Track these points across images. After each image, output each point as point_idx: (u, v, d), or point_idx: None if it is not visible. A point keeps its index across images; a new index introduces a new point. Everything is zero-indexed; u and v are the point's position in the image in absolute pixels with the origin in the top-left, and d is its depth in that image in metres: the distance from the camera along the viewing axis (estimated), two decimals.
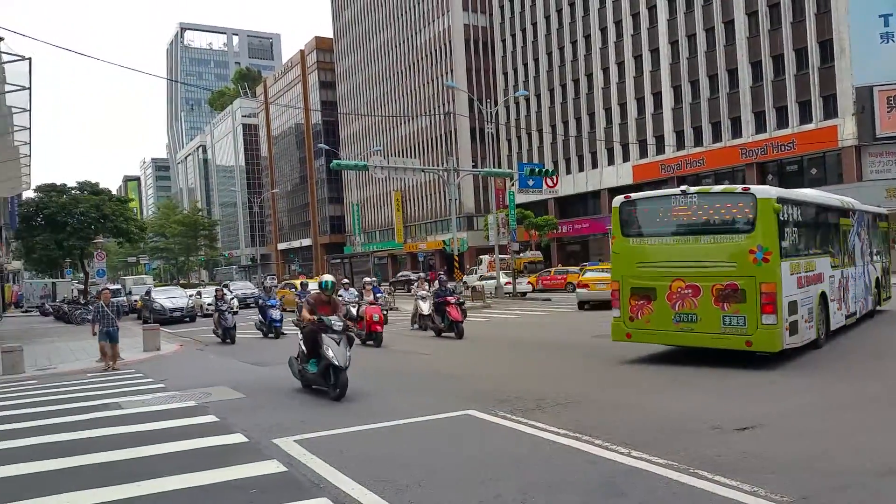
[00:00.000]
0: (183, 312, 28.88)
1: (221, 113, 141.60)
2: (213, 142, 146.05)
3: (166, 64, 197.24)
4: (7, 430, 8.40)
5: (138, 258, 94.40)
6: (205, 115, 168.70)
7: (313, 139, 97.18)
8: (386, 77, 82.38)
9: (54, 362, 16.31)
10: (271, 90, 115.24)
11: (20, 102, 29.48)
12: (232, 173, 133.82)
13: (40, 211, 42.70)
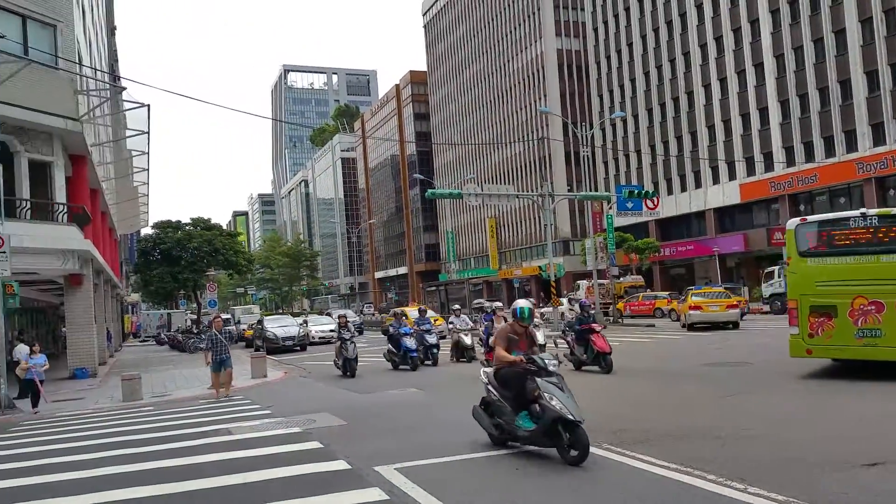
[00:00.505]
0: (294, 341, 28.94)
1: (322, 149, 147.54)
2: (314, 176, 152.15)
3: (271, 104, 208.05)
4: (127, 455, 8.84)
5: (246, 289, 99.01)
6: (307, 151, 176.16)
7: (408, 170, 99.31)
8: (479, 106, 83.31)
9: (169, 389, 17.17)
10: (368, 124, 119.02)
11: (139, 146, 31.85)
12: (331, 206, 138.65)
13: (157, 246, 45.69)
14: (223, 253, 45.61)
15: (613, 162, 60.97)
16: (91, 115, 22.02)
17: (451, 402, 11.65)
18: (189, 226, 48.01)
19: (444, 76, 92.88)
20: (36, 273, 20.06)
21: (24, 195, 18.99)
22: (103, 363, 25.95)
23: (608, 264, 35.96)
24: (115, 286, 37.12)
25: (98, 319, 24.55)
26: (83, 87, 21.79)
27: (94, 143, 23.84)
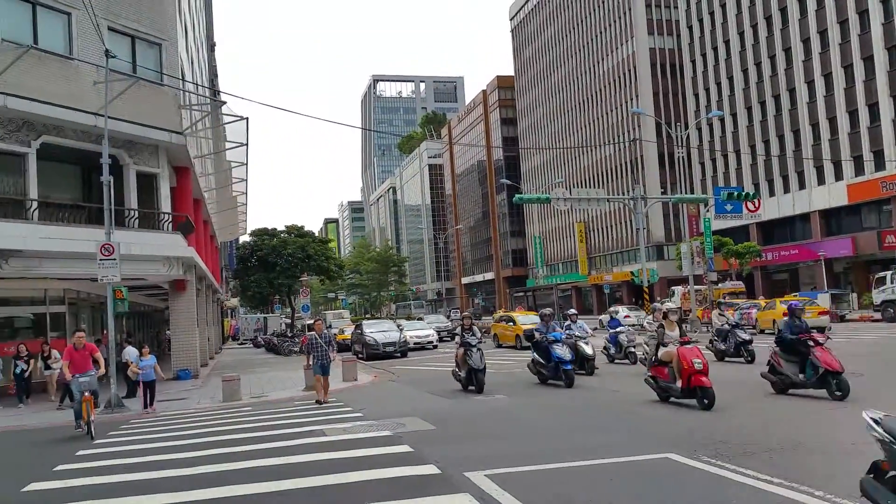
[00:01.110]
0: (395, 347, 27.37)
1: (409, 156, 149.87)
2: (402, 183, 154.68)
3: (361, 114, 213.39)
4: (226, 454, 9.16)
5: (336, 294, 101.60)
6: (395, 159, 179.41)
7: (495, 175, 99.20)
8: (568, 109, 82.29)
9: (266, 391, 17.76)
10: (455, 130, 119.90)
11: (238, 157, 33.29)
12: (419, 212, 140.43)
13: (254, 253, 47.66)
14: (315, 259, 47.02)
15: (710, 163, 58.68)
16: (193, 128, 23.20)
17: (538, 409, 11.46)
18: (284, 233, 49.81)
19: (532, 80, 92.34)
20: (143, 279, 21.23)
21: (133, 205, 20.18)
22: (205, 365, 27.19)
23: (705, 270, 34.61)
24: (215, 291, 38.92)
25: (200, 323, 25.71)
26: (186, 102, 22.97)
27: (196, 156, 25.07)
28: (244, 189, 41.71)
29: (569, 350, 14.94)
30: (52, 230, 17.20)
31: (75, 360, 11.90)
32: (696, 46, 60.57)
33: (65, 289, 21.01)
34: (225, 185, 37.15)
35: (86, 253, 16.62)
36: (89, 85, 18.00)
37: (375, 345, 27.17)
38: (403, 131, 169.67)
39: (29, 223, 16.87)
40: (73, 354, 11.97)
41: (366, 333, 28.27)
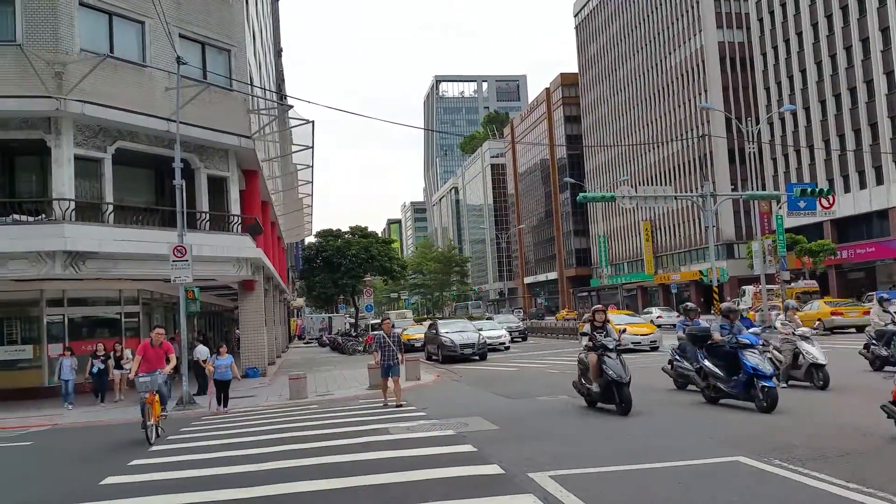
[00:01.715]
0: (474, 349, 24.97)
1: (472, 156, 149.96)
2: (464, 183, 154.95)
3: (423, 114, 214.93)
4: (295, 450, 9.31)
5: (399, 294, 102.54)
6: (457, 159, 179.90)
7: (558, 173, 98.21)
8: (633, 105, 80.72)
9: (331, 389, 18.01)
10: (518, 129, 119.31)
11: (304, 160, 33.97)
12: (481, 212, 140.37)
13: (319, 254, 48.55)
14: (379, 259, 47.55)
15: (783, 158, 56.49)
16: (261, 132, 23.79)
17: (605, 411, 11.19)
18: (348, 234, 50.57)
19: (597, 76, 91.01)
20: (213, 279, 21.89)
21: (204, 208, 20.84)
22: (272, 363, 27.83)
23: (778, 268, 33.31)
24: (282, 291, 39.86)
25: (267, 322, 26.32)
26: (254, 106, 23.58)
27: (264, 159, 25.70)
28: (310, 191, 42.59)
29: (769, 362, 10.63)
30: (126, 232, 17.92)
31: (149, 357, 11.39)
32: (767, 39, 58.42)
33: (139, 289, 21.87)
34: (291, 188, 37.98)
35: (159, 254, 17.26)
36: (161, 91, 18.68)
37: (452, 346, 24.98)
38: (465, 131, 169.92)
39: (105, 226, 17.62)
40: (148, 351, 11.41)
41: (441, 334, 26.13)
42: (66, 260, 16.58)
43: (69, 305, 20.41)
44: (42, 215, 17.21)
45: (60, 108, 16.49)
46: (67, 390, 16.65)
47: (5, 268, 16.39)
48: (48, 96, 16.34)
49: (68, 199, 16.83)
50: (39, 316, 19.91)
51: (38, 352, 19.77)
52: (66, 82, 16.58)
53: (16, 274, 16.65)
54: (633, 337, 23.60)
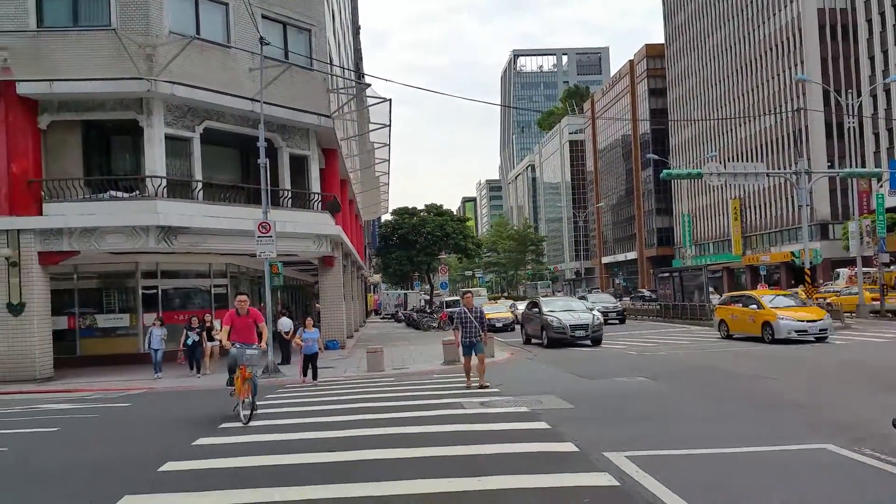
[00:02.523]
0: (587, 332, 20.94)
1: (549, 132, 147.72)
2: (541, 161, 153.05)
3: (501, 90, 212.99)
4: (372, 420, 9.54)
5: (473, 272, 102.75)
6: (534, 136, 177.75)
7: (641, 150, 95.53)
8: (722, 78, 77.34)
9: (407, 363, 18.32)
10: (598, 104, 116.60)
11: (381, 138, 34.33)
12: (558, 190, 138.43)
13: (395, 231, 49.27)
14: (453, 237, 47.82)
15: (886, 134, 52.92)
16: (340, 111, 24.16)
17: (686, 394, 10.91)
18: (423, 212, 51.04)
19: (684, 47, 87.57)
20: (295, 255, 22.54)
21: (286, 186, 21.43)
22: (350, 336, 28.52)
23: (876, 251, 31.36)
24: (360, 268, 40.63)
25: (346, 297, 26.92)
26: (334, 85, 23.93)
27: (343, 137, 26.14)
28: (386, 169, 43.10)
29: None
30: (215, 209, 18.69)
31: (237, 327, 10.40)
32: (872, 5, 54.57)
33: (227, 263, 22.81)
34: (369, 166, 38.53)
35: (245, 230, 17.94)
36: (245, 72, 19.23)
37: (560, 328, 21.05)
38: (543, 107, 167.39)
39: (194, 203, 18.42)
40: (235, 320, 10.43)
41: (546, 313, 22.03)
42: (159, 234, 17.45)
43: (162, 278, 21.53)
44: (136, 192, 18.14)
45: (151, 89, 17.24)
46: (157, 360, 16.98)
47: (104, 241, 17.41)
48: (140, 78, 17.10)
49: (160, 177, 17.64)
50: (135, 287, 21.11)
51: (134, 320, 21.00)
52: (156, 64, 17.30)
53: (113, 247, 17.66)
54: (797, 324, 18.81)
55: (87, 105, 17.84)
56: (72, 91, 17.25)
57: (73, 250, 17.48)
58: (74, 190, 17.78)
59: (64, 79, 17.02)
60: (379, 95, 25.87)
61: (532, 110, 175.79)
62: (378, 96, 26.12)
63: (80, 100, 17.69)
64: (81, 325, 20.89)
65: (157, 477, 6.78)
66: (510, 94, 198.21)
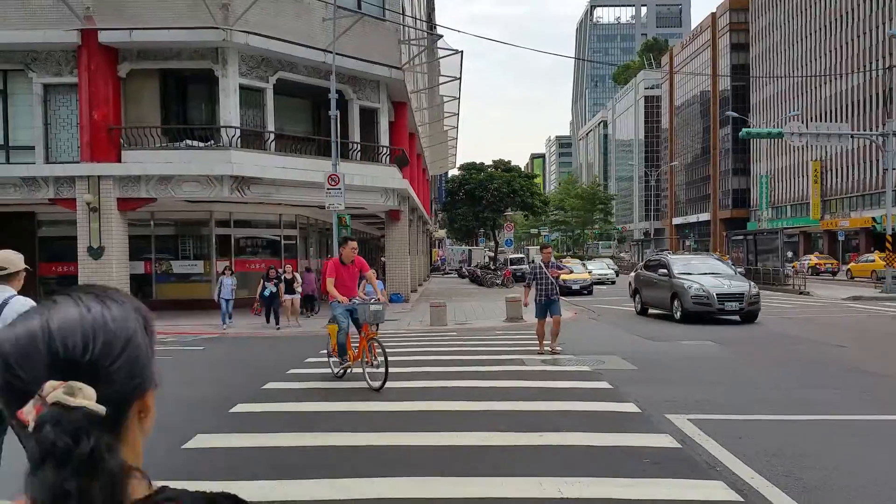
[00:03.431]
0: (742, 304, 16.10)
1: (624, 87, 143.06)
2: (613, 117, 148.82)
3: (575, 43, 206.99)
4: (436, 372, 9.68)
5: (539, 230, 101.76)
6: (608, 91, 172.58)
7: (719, 107, 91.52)
8: (808, 33, 72.78)
9: (469, 318, 18.44)
10: (677, 59, 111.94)
11: (451, 91, 33.99)
12: (630, 147, 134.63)
13: (462, 187, 49.10)
14: (520, 194, 47.34)
15: None
16: (411, 63, 23.97)
17: (753, 359, 10.61)
18: (491, 168, 50.60)
19: (769, 1, 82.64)
20: (363, 208, 22.79)
21: (356, 138, 21.56)
22: (414, 291, 28.85)
23: None
24: (425, 222, 40.84)
25: (411, 252, 27.15)
26: (405, 36, 23.71)
27: (413, 90, 25.99)
28: (455, 123, 42.78)
29: None
30: (286, 160, 19.00)
31: (342, 278, 8.91)
32: None
33: (296, 214, 23.28)
34: (437, 120, 38.34)
35: (314, 182, 18.22)
36: (318, 22, 19.24)
37: (704, 297, 16.13)
38: (619, 60, 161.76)
39: (266, 153, 18.77)
40: (340, 270, 8.97)
41: (679, 276, 17.04)
42: (233, 184, 17.91)
43: (235, 227, 22.19)
44: (211, 141, 18.61)
45: (227, 38, 17.49)
46: (227, 309, 16.20)
47: (180, 189, 18.00)
48: (216, 27, 17.35)
49: (234, 127, 18.02)
50: (209, 235, 21.83)
51: (207, 267, 21.79)
52: (231, 14, 17.50)
53: (189, 195, 18.25)
54: None
55: (164, 54, 18.29)
56: (150, 40, 17.69)
57: (150, 197, 18.16)
58: (152, 138, 18.37)
59: (143, 27, 17.45)
60: (450, 47, 25.52)
61: (607, 63, 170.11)
62: (449, 48, 25.79)
63: (158, 49, 18.15)
64: (157, 270, 21.81)
65: (228, 417, 7.09)
66: (585, 47, 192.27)
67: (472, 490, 4.75)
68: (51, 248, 21.06)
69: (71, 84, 17.95)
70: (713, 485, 4.77)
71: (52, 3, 17.18)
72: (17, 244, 16.95)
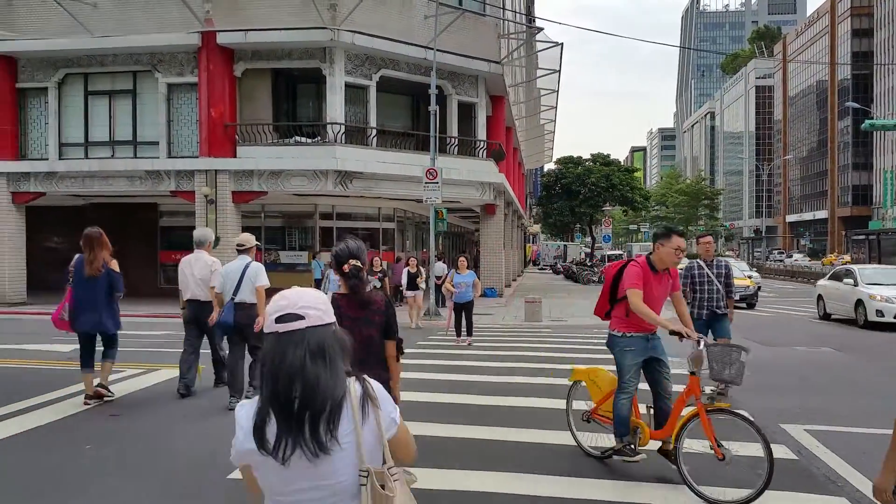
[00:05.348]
0: None
1: (733, 77, 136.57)
2: (721, 108, 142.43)
3: (680, 32, 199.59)
4: (532, 368, 9.64)
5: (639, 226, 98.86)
6: (715, 81, 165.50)
7: (838, 97, 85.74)
8: None
9: (565, 315, 18.20)
10: (791, 46, 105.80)
11: (549, 84, 33.57)
12: (739, 140, 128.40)
13: (558, 181, 48.35)
14: (620, 189, 46.13)
15: None
16: (510, 57, 23.87)
17: (877, 368, 9.91)
18: (589, 161, 49.58)
19: None
20: (458, 202, 22.94)
21: (454, 133, 21.72)
22: (508, 286, 28.78)
23: None
24: (520, 217, 40.64)
25: (505, 246, 27.07)
26: (505, 31, 23.63)
27: (511, 84, 25.88)
28: (552, 116, 42.22)
29: None
30: (386, 155, 19.45)
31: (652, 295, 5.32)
32: None
33: (394, 208, 23.74)
34: (534, 113, 38.00)
35: (412, 176, 18.55)
36: (420, 19, 19.50)
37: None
38: (728, 49, 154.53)
39: (369, 148, 19.27)
40: (650, 279, 5.49)
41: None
42: (337, 178, 18.50)
43: (336, 219, 22.89)
44: (318, 137, 19.29)
45: (334, 38, 18.04)
46: None
47: (289, 183, 18.78)
48: (324, 27, 17.94)
49: (339, 124, 18.59)
50: (313, 227, 22.64)
51: (311, 258, 22.61)
52: (339, 14, 18.03)
53: (297, 189, 19.01)
54: None
55: (276, 54, 19.09)
56: (263, 40, 18.51)
57: (262, 191, 19.05)
58: (263, 134, 19.26)
59: (257, 28, 18.28)
60: (550, 39, 25.22)
61: (715, 52, 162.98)
62: (549, 40, 25.47)
63: (270, 49, 18.96)
64: (266, 259, 22.82)
65: None
66: (691, 36, 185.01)
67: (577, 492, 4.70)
68: (170, 237, 22.52)
69: (191, 83, 19.09)
70: (835, 501, 4.54)
71: (175, 7, 18.29)
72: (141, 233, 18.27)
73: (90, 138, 20.09)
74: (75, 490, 4.76)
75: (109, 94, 20.04)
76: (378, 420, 1.72)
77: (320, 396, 1.63)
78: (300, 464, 1.62)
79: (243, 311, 7.12)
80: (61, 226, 23.07)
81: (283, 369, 1.63)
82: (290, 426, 1.61)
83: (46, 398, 7.44)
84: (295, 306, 1.69)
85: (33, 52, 19.53)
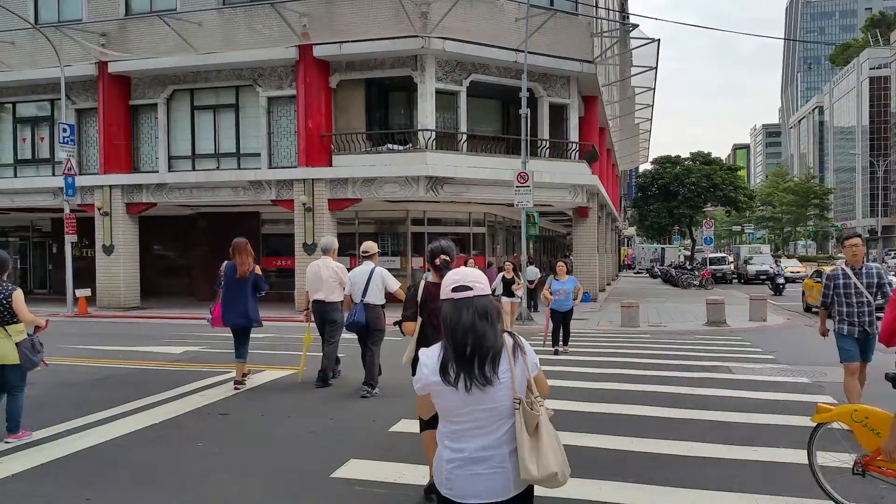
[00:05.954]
0: None
1: (844, 68, 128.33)
2: (831, 101, 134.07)
3: (785, 24, 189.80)
4: (629, 375, 9.35)
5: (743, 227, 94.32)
6: (824, 74, 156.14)
7: None
8: None
9: (664, 321, 17.56)
10: None
11: (645, 82, 32.58)
12: (851, 135, 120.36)
13: (655, 181, 46.79)
14: (722, 188, 44.18)
15: None
16: (603, 56, 23.36)
17: None
18: (688, 160, 47.83)
19: None
20: (550, 205, 22.62)
21: (545, 136, 21.44)
22: (602, 290, 28.10)
23: None
24: (614, 219, 39.65)
25: (599, 250, 26.45)
26: (598, 29, 23.14)
27: (604, 84, 25.31)
28: (648, 115, 41.00)
29: None
30: (476, 160, 19.44)
31: None
32: None
33: (485, 212, 23.68)
34: (629, 113, 37.00)
35: (503, 180, 18.46)
36: (510, 22, 19.40)
37: None
38: (838, 39, 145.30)
39: (459, 154, 19.33)
40: None
41: None
42: (428, 184, 18.66)
43: (428, 224, 23.08)
44: (409, 144, 19.54)
45: (425, 45, 18.23)
46: None
47: (381, 190, 19.12)
48: (416, 35, 18.16)
49: (430, 130, 18.76)
50: (405, 232, 22.92)
51: (403, 263, 22.88)
52: (429, 21, 18.21)
53: (389, 195, 19.32)
54: None
55: (369, 64, 19.50)
56: (357, 52, 18.94)
57: (356, 198, 19.48)
58: (357, 143, 19.70)
59: (351, 40, 18.72)
60: (645, 36, 24.46)
61: (823, 43, 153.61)
62: (644, 37, 24.71)
63: (364, 59, 19.38)
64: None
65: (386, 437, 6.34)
66: (797, 27, 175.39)
67: (674, 500, 4.48)
68: (271, 244, 23.41)
69: (290, 96, 19.81)
70: None
71: (274, 23, 19.04)
72: None
73: (197, 151, 21.20)
74: (188, 485, 4.97)
75: (214, 108, 21.10)
76: (525, 363, 2.40)
77: (486, 345, 2.29)
78: (474, 392, 2.28)
79: (371, 312, 8.14)
80: (171, 234, 24.48)
81: (459, 325, 2.30)
82: (464, 365, 2.28)
83: (160, 397, 7.87)
84: (466, 279, 2.37)
85: (144, 71, 20.84)
